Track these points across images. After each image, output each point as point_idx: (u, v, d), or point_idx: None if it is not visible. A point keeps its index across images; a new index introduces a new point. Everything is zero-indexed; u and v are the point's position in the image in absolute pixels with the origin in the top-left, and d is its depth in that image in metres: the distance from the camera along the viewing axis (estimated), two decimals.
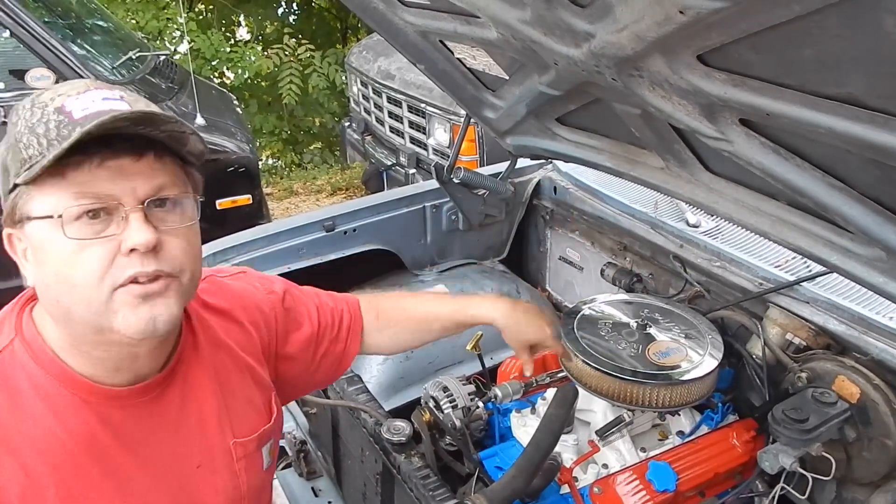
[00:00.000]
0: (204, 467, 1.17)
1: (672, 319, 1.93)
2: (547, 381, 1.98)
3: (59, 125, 0.94)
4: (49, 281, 0.98)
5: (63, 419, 1.02)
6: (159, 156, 0.99)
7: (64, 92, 0.98)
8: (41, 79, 3.76)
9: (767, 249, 2.05)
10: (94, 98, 0.97)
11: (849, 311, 1.77)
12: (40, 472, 0.99)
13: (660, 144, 1.62)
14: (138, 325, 0.98)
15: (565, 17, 1.23)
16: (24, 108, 0.98)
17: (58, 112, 0.95)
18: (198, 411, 1.16)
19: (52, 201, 0.94)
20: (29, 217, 0.96)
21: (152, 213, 0.98)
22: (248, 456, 1.23)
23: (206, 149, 1.05)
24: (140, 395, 1.09)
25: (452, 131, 4.37)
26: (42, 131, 0.94)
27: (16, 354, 1.03)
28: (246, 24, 9.41)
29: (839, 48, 0.88)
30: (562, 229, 2.74)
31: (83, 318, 0.98)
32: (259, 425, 1.26)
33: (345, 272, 2.51)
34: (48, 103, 0.97)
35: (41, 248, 0.97)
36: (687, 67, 1.15)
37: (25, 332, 1.04)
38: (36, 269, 0.99)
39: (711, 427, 1.87)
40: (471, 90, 2.08)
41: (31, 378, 1.02)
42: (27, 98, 1.00)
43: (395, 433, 1.71)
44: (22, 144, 0.94)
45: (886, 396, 1.63)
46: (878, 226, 1.22)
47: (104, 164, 0.94)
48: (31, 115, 0.96)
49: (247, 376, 1.26)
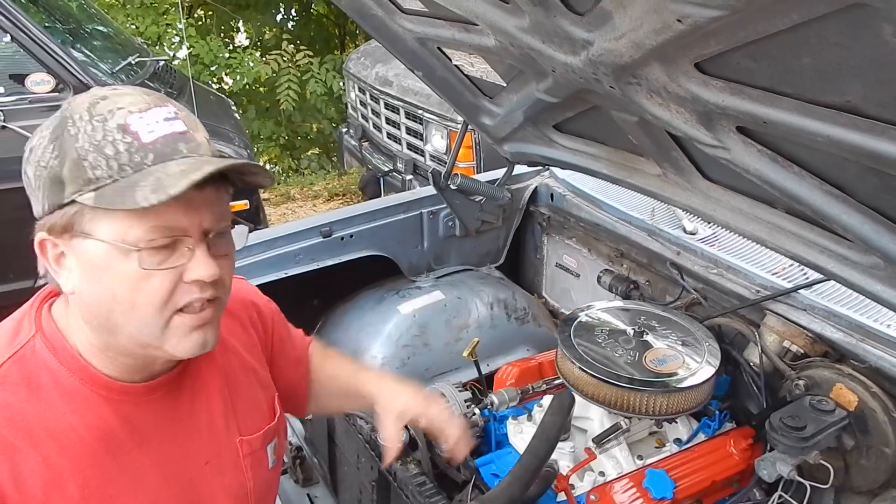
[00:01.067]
0: (212, 464, 1.19)
1: (669, 327, 1.92)
2: (543, 388, 1.97)
3: (130, 149, 0.94)
4: (103, 298, 0.99)
5: (82, 415, 1.03)
6: (216, 185, 1.01)
7: (123, 106, 0.97)
8: (41, 83, 3.76)
9: (764, 257, 2.05)
10: (156, 118, 0.97)
11: (846, 319, 1.77)
12: (61, 465, 1.01)
13: (657, 152, 1.62)
14: (192, 349, 1.04)
15: (563, 25, 1.23)
16: (80, 118, 0.96)
17: (122, 131, 0.95)
18: (206, 409, 1.19)
19: (123, 229, 0.95)
20: (89, 235, 0.96)
21: (211, 243, 1.02)
22: (254, 454, 1.25)
23: (272, 182, 1.06)
24: (153, 391, 1.11)
25: (449, 138, 4.38)
26: (111, 153, 0.94)
27: (37, 351, 1.04)
28: (245, 30, 9.43)
29: (838, 56, 0.88)
30: (558, 236, 2.74)
31: (132, 335, 1.01)
32: (263, 424, 1.28)
33: (341, 278, 2.50)
34: (107, 117, 0.95)
35: (100, 267, 0.97)
36: (684, 75, 1.15)
37: (46, 330, 1.05)
38: (85, 283, 0.99)
39: (709, 435, 1.86)
40: (468, 97, 2.08)
41: (51, 374, 1.03)
42: (78, 106, 0.97)
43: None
44: (87, 163, 0.94)
45: (884, 404, 1.63)
46: (876, 234, 1.22)
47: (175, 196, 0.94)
48: (93, 130, 0.95)
49: (251, 376, 1.29)
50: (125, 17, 7.68)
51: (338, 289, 2.61)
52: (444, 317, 2.46)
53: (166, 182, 0.92)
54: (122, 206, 0.93)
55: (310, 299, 2.61)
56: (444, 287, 2.57)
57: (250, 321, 1.35)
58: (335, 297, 2.63)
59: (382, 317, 2.44)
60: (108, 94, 0.99)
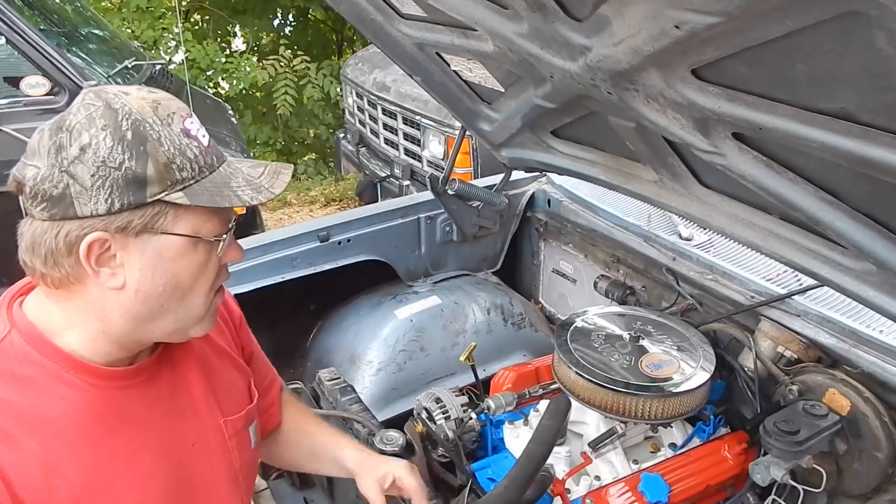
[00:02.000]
0: (199, 445, 1.22)
1: (664, 332, 1.94)
2: (540, 392, 1.98)
3: (201, 153, 1.04)
4: (167, 287, 1.05)
5: (70, 401, 1.05)
6: None
7: (174, 110, 1.04)
8: (36, 86, 3.76)
9: (759, 263, 2.06)
10: (195, 123, 1.07)
11: (840, 325, 1.79)
12: (59, 449, 1.03)
13: (654, 157, 1.63)
14: (210, 327, 1.16)
15: (562, 31, 1.24)
16: (154, 121, 1.00)
17: (186, 136, 1.03)
18: (187, 391, 1.22)
19: (199, 223, 1.05)
20: (166, 232, 1.02)
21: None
22: (238, 434, 1.29)
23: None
24: (135, 375, 1.14)
25: (447, 143, 4.39)
26: (192, 156, 1.02)
27: (15, 345, 1.05)
28: (242, 35, 9.43)
29: (832, 64, 0.89)
30: (555, 241, 2.75)
31: (178, 318, 1.10)
32: (244, 405, 1.32)
33: (338, 282, 2.51)
34: (171, 121, 1.02)
35: (170, 258, 1.04)
36: (682, 81, 1.17)
37: (20, 325, 1.07)
38: (148, 276, 1.04)
39: (703, 439, 1.87)
40: (467, 102, 2.10)
41: (34, 364, 1.04)
42: (141, 110, 1.00)
43: (388, 444, 1.71)
44: (175, 166, 1.00)
45: (876, 409, 1.64)
46: (869, 240, 1.23)
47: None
48: (170, 134, 1.01)
49: (225, 360, 1.33)
50: (121, 21, 7.68)
51: (335, 293, 2.61)
52: (441, 322, 2.47)
53: (263, 182, 1.09)
54: (226, 204, 1.04)
55: (306, 303, 2.61)
56: (441, 292, 2.58)
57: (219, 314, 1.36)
58: (332, 302, 2.64)
59: (379, 321, 2.44)
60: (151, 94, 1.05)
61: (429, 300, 2.53)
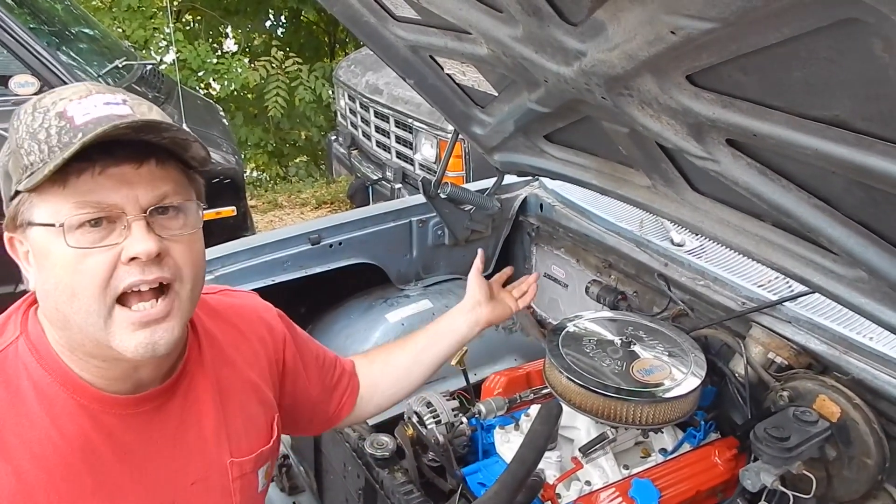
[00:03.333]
0: (198, 484, 1.14)
1: (656, 337, 1.93)
2: (531, 397, 1.98)
3: (61, 131, 0.93)
4: (49, 287, 0.97)
5: (59, 423, 1.00)
6: (161, 162, 0.98)
7: (66, 96, 0.97)
8: (25, 85, 3.73)
9: (751, 269, 2.07)
10: (95, 103, 0.95)
11: (830, 331, 1.79)
12: (33, 476, 0.98)
13: (647, 163, 1.63)
14: (136, 349, 0.97)
15: (557, 35, 1.24)
16: (25, 112, 0.97)
17: (59, 117, 0.94)
18: (197, 426, 1.14)
19: (54, 209, 0.93)
20: (31, 223, 0.96)
21: (155, 221, 0.97)
22: (244, 476, 1.21)
23: (209, 155, 1.03)
24: (139, 404, 1.07)
25: (439, 147, 4.39)
26: (43, 137, 0.93)
27: (19, 353, 1.02)
28: (233, 36, 9.41)
29: (828, 71, 0.89)
30: (547, 246, 2.75)
31: (82, 328, 0.97)
32: (258, 446, 1.24)
33: (329, 286, 2.50)
34: (49, 108, 0.96)
35: (43, 254, 0.96)
36: (676, 87, 1.17)
37: (31, 333, 1.03)
38: (38, 275, 0.98)
39: (694, 445, 1.87)
40: (460, 106, 2.09)
41: (31, 378, 1.00)
42: (29, 102, 0.99)
43: (378, 448, 1.70)
44: (23, 150, 0.94)
45: (866, 416, 1.65)
46: (861, 247, 1.23)
47: (106, 171, 0.93)
48: (32, 120, 0.95)
49: (250, 394, 1.24)
50: (112, 21, 7.64)
51: (325, 296, 2.60)
52: None
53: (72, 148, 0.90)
54: (38, 179, 0.91)
55: (297, 307, 2.60)
56: (433, 296, 2.57)
57: (257, 337, 1.30)
58: (323, 305, 2.62)
59: (370, 325, 2.43)
60: (57, 89, 1.00)
61: (420, 304, 2.52)
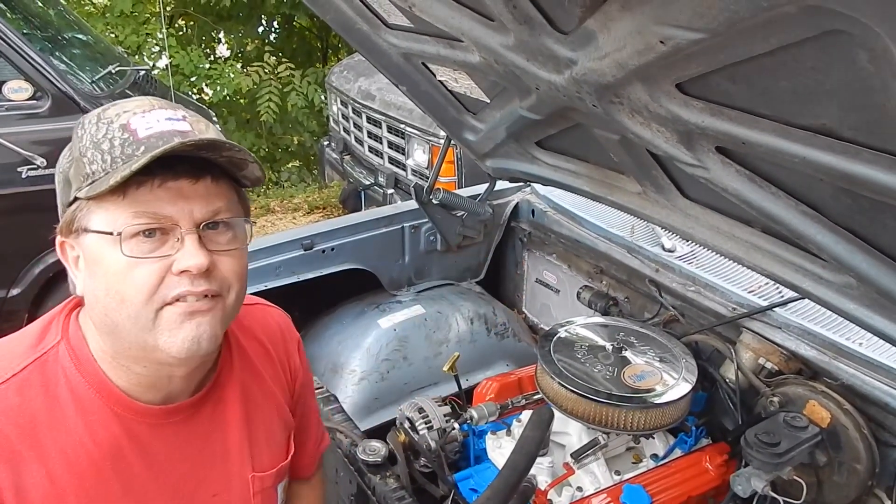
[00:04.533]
0: (220, 497, 1.16)
1: (647, 343, 1.94)
2: (523, 403, 1.98)
3: (124, 143, 0.96)
4: (99, 293, 0.99)
5: (93, 430, 1.02)
6: (216, 179, 1.01)
7: (130, 109, 1.00)
8: (18, 91, 3.71)
9: (741, 275, 2.08)
10: (158, 118, 0.99)
11: (820, 337, 1.81)
12: (65, 481, 1.00)
13: (638, 170, 1.64)
14: (183, 343, 0.99)
15: (548, 44, 1.25)
16: (89, 122, 1.00)
17: (123, 129, 0.97)
18: (222, 439, 1.16)
19: (111, 218, 0.96)
20: (87, 230, 0.98)
21: (206, 235, 1.00)
22: (265, 491, 1.22)
23: (264, 175, 1.06)
24: (171, 415, 1.09)
25: (431, 152, 4.39)
26: (107, 147, 0.96)
27: (59, 358, 1.03)
28: (226, 42, 9.39)
29: (814, 81, 0.90)
30: (539, 252, 2.76)
31: (129, 332, 0.99)
32: (278, 461, 1.25)
33: (322, 291, 2.50)
34: (114, 119, 0.99)
35: (96, 261, 0.98)
36: (666, 95, 1.18)
37: (71, 338, 1.05)
38: (88, 280, 1.00)
39: (685, 450, 1.88)
40: (452, 112, 2.10)
41: (69, 383, 1.02)
42: (93, 112, 1.02)
43: (370, 454, 1.70)
44: (86, 159, 0.97)
45: (856, 421, 1.66)
46: (849, 253, 1.24)
47: (164, 185, 0.96)
48: (96, 130, 0.98)
49: (273, 410, 1.26)
50: (104, 26, 7.62)
51: (318, 302, 2.60)
52: (425, 331, 2.47)
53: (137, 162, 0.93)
54: (101, 189, 0.93)
55: (290, 312, 2.58)
56: (425, 301, 2.58)
57: (279, 356, 1.30)
58: (315, 311, 2.62)
59: (362, 330, 2.44)
60: (120, 101, 1.03)
61: (412, 309, 2.52)
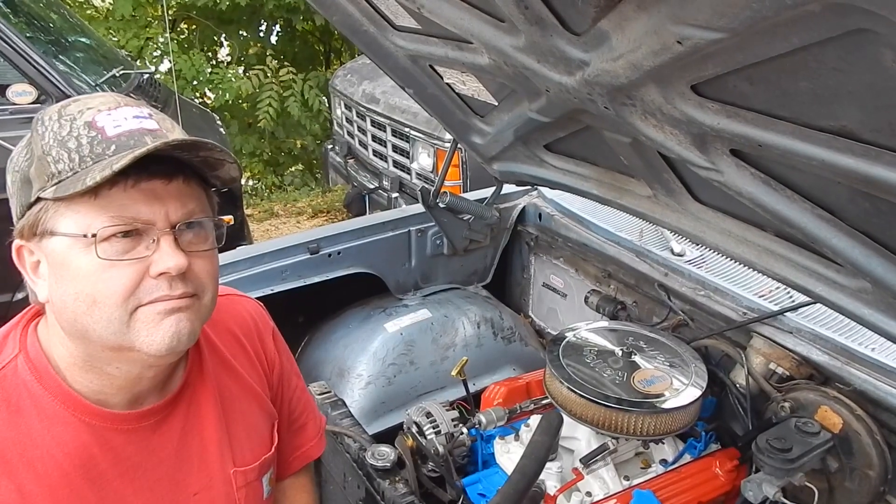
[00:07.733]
0: (201, 495, 1.14)
1: (656, 348, 1.93)
2: (531, 407, 1.97)
3: (92, 142, 0.93)
4: (67, 298, 0.95)
5: (61, 441, 0.99)
6: (187, 179, 0.99)
7: (93, 106, 0.97)
8: (23, 94, 3.71)
9: (751, 279, 2.07)
10: (125, 115, 0.96)
11: (832, 342, 1.79)
12: (36, 494, 0.97)
13: (648, 173, 1.63)
14: (163, 340, 0.96)
15: (560, 45, 1.24)
16: (50, 118, 0.96)
17: (88, 127, 0.94)
18: (199, 438, 1.13)
19: (84, 220, 0.92)
20: (53, 233, 0.94)
21: (180, 237, 0.97)
22: (249, 485, 1.20)
23: (241, 175, 1.04)
24: (143, 419, 1.06)
25: (436, 156, 4.38)
26: (73, 146, 0.93)
27: (18, 371, 1.00)
28: (228, 46, 9.40)
29: (836, 81, 0.89)
30: (546, 256, 2.75)
31: (101, 336, 0.96)
32: (261, 454, 1.23)
33: (328, 295, 2.48)
34: (77, 116, 0.95)
35: (62, 264, 0.94)
36: (681, 97, 1.16)
37: (30, 350, 1.02)
38: (54, 286, 0.97)
39: (694, 456, 1.86)
40: (459, 115, 2.09)
41: (32, 396, 0.99)
42: (50, 108, 0.98)
43: (379, 459, 1.69)
44: (51, 158, 0.93)
45: (868, 427, 1.64)
46: (865, 258, 1.23)
47: (138, 185, 0.93)
48: (59, 128, 0.94)
49: (252, 403, 1.23)
50: (106, 30, 7.62)
51: (324, 306, 2.59)
52: (431, 335, 2.45)
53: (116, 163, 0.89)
54: (74, 190, 0.90)
55: (295, 316, 2.59)
56: (431, 305, 2.56)
57: (250, 343, 1.27)
58: (321, 315, 2.61)
59: (369, 335, 2.42)
60: (81, 97, 1.00)
61: (419, 313, 2.51)
